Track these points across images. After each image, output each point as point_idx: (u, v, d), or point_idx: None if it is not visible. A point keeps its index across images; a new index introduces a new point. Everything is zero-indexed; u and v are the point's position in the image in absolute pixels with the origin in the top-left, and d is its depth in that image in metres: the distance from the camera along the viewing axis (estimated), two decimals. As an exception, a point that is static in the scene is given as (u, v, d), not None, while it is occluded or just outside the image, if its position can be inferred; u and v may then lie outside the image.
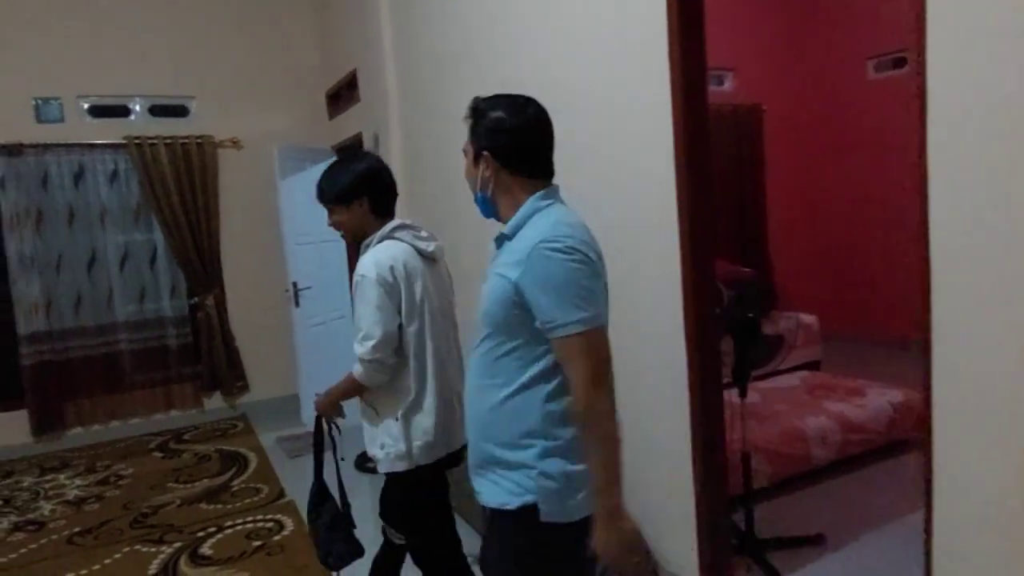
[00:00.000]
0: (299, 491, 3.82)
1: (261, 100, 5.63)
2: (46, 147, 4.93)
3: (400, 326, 2.02)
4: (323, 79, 5.67)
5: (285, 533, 3.35)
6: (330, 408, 2.23)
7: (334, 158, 2.59)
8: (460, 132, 1.65)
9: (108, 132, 5.11)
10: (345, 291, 5.80)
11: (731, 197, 5.97)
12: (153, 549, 3.29)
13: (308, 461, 2.39)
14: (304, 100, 5.75)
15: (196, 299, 5.43)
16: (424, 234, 2.16)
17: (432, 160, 4.06)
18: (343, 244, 5.75)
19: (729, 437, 2.52)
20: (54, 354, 4.98)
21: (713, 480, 2.37)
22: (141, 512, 3.73)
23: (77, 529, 3.57)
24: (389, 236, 2.09)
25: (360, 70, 4.92)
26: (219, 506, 3.74)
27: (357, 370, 2.02)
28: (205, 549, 3.25)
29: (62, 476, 4.44)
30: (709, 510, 2.37)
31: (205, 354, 5.42)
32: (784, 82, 6.24)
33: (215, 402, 5.56)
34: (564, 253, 1.39)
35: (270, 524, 3.46)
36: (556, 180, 1.59)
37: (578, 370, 1.38)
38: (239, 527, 3.46)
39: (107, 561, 3.20)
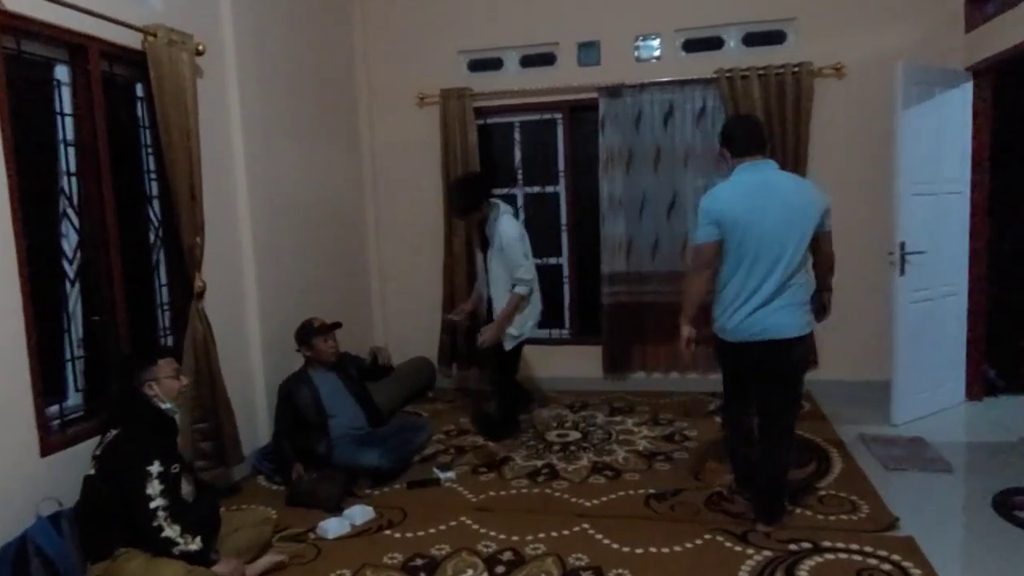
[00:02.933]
0: (916, 525, 2.83)
1: (873, 14, 4.51)
2: (642, 86, 4.84)
3: None
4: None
5: (914, 589, 2.42)
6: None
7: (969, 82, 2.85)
8: None
9: (700, 67, 4.75)
10: (964, 260, 4.40)
11: None
12: (738, 548, 2.75)
13: (913, 480, 2.65)
14: (930, 9, 4.41)
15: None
16: None
17: None
18: (966, 199, 4.34)
19: None
20: (629, 296, 4.98)
21: None
22: (716, 491, 3.27)
23: (652, 491, 3.31)
24: None
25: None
26: (808, 512, 3.02)
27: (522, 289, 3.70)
28: (802, 572, 2.56)
29: (629, 421, 4.38)
30: None
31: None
32: None
33: (776, 372, 4.88)
34: None
35: (887, 568, 2.56)
36: None
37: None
38: (842, 555, 2.66)
39: (688, 545, 2.79)
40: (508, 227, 3.89)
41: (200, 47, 3.28)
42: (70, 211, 2.84)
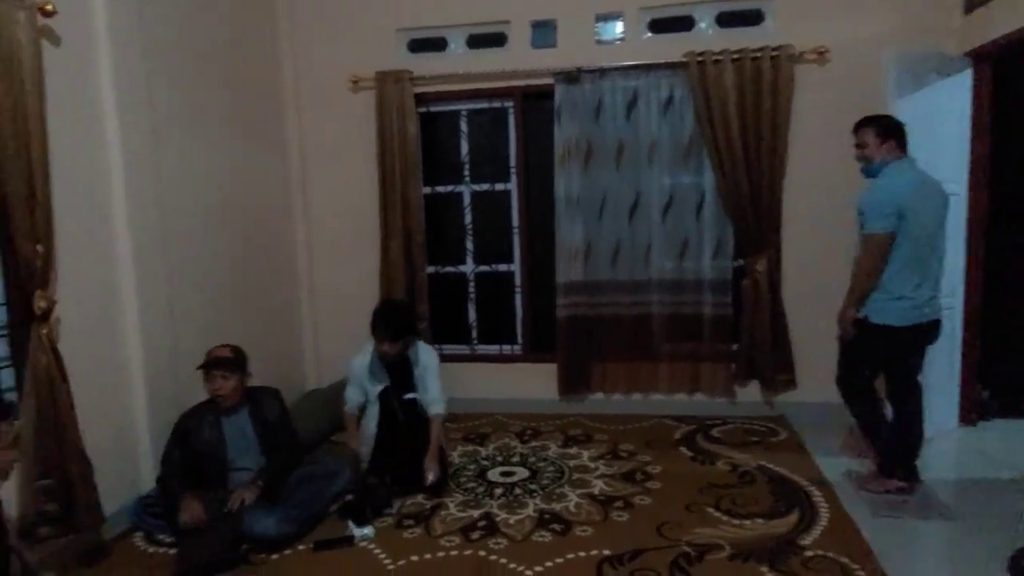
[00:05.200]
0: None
1: (861, -7, 4.02)
2: (603, 71, 4.27)
3: None
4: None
5: None
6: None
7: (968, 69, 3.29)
8: None
9: (668, 50, 4.20)
10: (961, 269, 3.92)
11: None
12: (709, 638, 2.22)
13: (909, 529, 2.74)
14: (926, -12, 3.93)
15: (743, 261, 4.27)
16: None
17: None
18: (963, 201, 3.87)
19: None
20: (587, 308, 4.42)
21: None
22: (683, 551, 2.73)
23: (607, 552, 2.75)
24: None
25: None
26: (792, 584, 2.50)
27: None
28: (790, 677, 2.03)
29: (585, 454, 3.83)
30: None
31: (746, 332, 4.24)
32: None
33: (749, 394, 4.38)
34: None
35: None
36: None
37: None
38: (838, 649, 2.14)
39: (647, 634, 2.25)
40: (428, 350, 3.72)
41: (49, 6, 2.62)
42: None
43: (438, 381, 3.60)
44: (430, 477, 3.29)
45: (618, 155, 4.32)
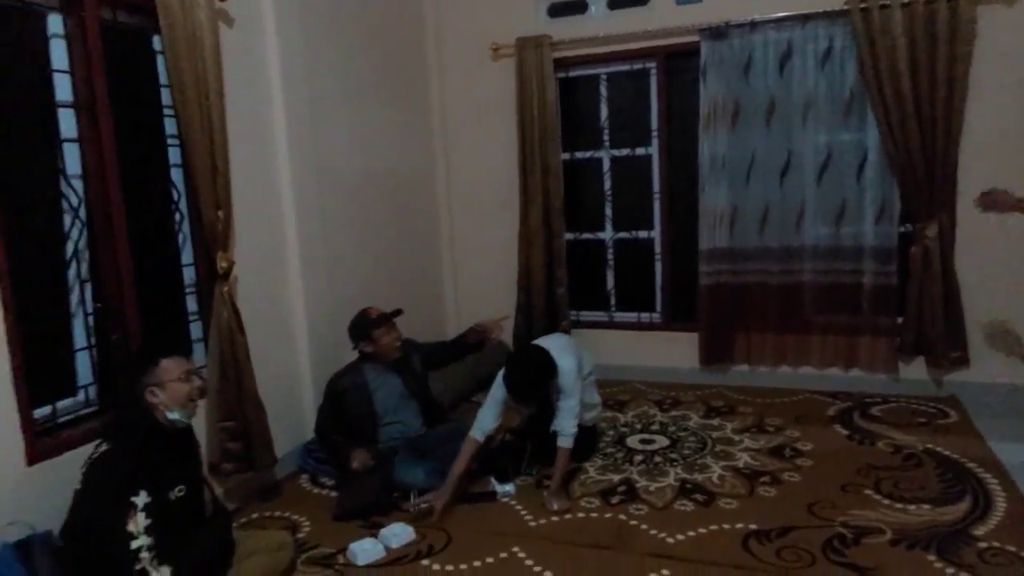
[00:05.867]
0: None
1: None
2: (754, 25, 4.02)
3: None
4: None
5: None
6: None
7: None
8: None
9: (827, -2, 3.88)
10: None
11: None
12: (868, 623, 2.09)
13: None
14: None
15: (911, 226, 3.90)
16: None
17: None
18: None
19: None
20: (732, 276, 4.24)
21: None
22: (837, 532, 2.59)
23: (753, 526, 2.66)
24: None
25: None
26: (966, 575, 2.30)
27: None
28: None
29: (729, 426, 3.70)
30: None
31: (913, 304, 3.89)
32: None
33: (914, 371, 4.03)
34: None
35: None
36: None
37: None
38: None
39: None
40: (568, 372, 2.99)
41: (224, -10, 2.84)
42: (73, 182, 2.49)
43: (571, 412, 2.96)
44: (554, 507, 2.89)
45: (769, 113, 4.06)
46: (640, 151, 4.56)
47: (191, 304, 3.01)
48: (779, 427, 3.65)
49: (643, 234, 4.62)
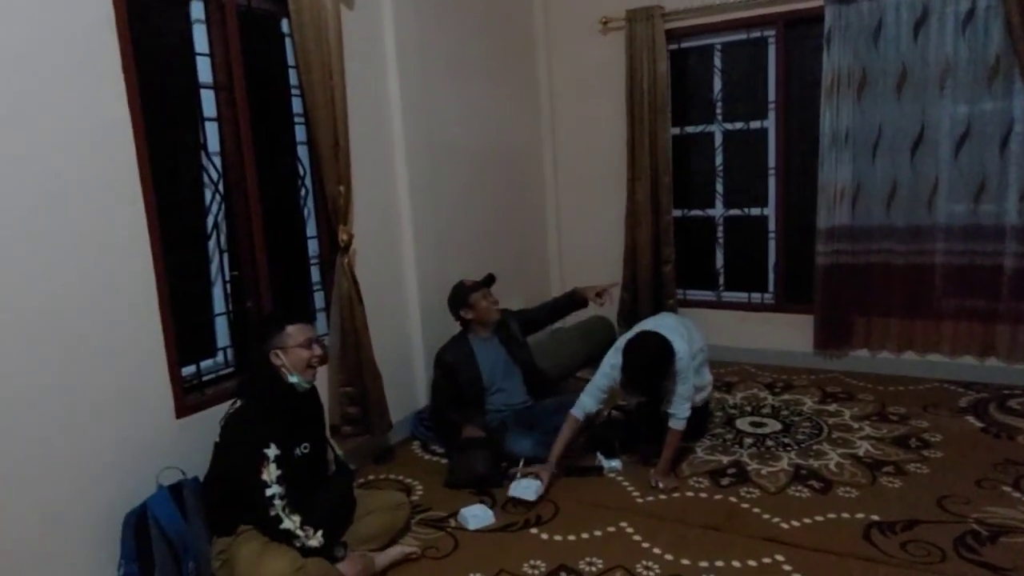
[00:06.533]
0: None
1: None
2: (886, -14, 3.75)
3: None
4: None
5: None
6: None
7: None
8: None
9: (974, -49, 3.55)
10: None
11: None
12: (1006, 626, 1.96)
13: None
14: None
15: (1063, 204, 3.55)
16: None
17: None
18: None
19: None
20: (852, 256, 4.02)
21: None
22: (970, 528, 2.43)
23: (875, 517, 2.54)
24: None
25: None
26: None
27: None
28: None
29: (847, 413, 3.53)
30: None
31: (1062, 289, 3.56)
32: None
33: (1061, 362, 3.69)
34: None
35: None
36: None
37: None
38: None
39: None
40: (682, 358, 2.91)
41: (347, -26, 2.95)
42: (212, 159, 2.68)
43: (685, 395, 2.90)
44: (660, 485, 2.87)
45: (900, 82, 3.79)
46: (755, 124, 4.37)
47: (314, 275, 3.17)
48: (904, 416, 3.45)
49: (755, 211, 4.45)
